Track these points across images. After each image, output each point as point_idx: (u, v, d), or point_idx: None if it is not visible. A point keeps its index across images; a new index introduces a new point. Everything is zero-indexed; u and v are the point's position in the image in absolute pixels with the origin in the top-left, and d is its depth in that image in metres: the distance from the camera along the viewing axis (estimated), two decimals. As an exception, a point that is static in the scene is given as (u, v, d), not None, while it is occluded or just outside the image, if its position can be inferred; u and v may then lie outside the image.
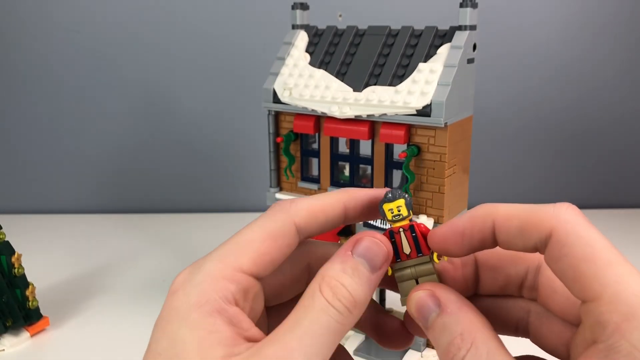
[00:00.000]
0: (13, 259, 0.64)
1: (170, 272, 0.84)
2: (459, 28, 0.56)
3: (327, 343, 0.24)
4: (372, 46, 0.60)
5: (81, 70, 1.06)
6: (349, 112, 0.57)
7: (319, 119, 0.61)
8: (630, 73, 1.05)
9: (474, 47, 0.57)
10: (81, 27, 1.04)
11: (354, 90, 0.58)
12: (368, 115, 0.56)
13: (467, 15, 0.55)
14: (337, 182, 0.63)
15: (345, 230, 0.61)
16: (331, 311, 0.25)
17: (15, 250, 0.65)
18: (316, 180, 0.64)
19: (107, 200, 1.13)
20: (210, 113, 1.08)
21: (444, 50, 0.56)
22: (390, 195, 0.29)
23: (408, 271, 0.28)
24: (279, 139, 0.63)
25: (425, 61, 0.56)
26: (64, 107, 1.08)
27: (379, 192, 0.30)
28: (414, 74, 0.55)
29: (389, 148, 0.59)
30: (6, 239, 0.65)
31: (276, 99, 0.62)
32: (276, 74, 0.63)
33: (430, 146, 0.55)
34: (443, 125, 0.53)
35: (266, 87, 0.63)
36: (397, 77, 0.57)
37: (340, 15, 0.66)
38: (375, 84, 0.57)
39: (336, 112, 0.58)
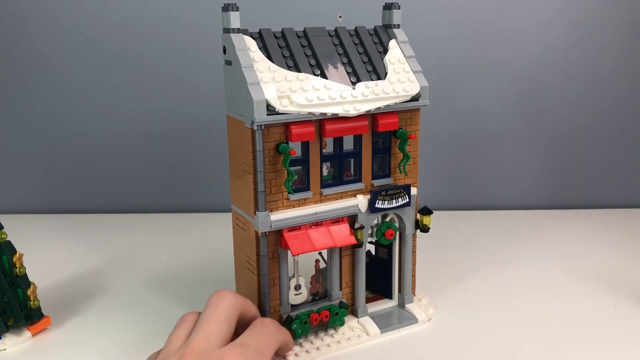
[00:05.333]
0: (14, 259, 0.64)
1: (170, 271, 0.84)
2: (393, 26, 0.66)
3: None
4: (325, 46, 0.62)
5: (81, 69, 1.06)
6: (363, 109, 0.59)
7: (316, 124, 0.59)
8: (629, 73, 1.07)
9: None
10: (70, 25, 1.03)
11: (352, 88, 0.60)
12: (376, 109, 0.60)
13: (400, 16, 0.66)
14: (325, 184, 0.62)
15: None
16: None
17: (17, 250, 0.65)
18: (306, 188, 0.61)
19: (108, 200, 1.12)
20: (209, 112, 1.07)
21: (393, 45, 0.65)
22: None
23: None
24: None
25: (383, 56, 0.64)
26: (63, 107, 1.08)
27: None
28: (391, 66, 0.63)
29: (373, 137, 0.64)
30: (8, 239, 0.64)
31: (269, 111, 0.55)
32: (257, 83, 0.55)
33: (407, 127, 0.65)
34: (427, 106, 0.64)
35: (258, 99, 0.55)
36: (371, 72, 0.62)
37: (340, 17, 0.62)
38: (358, 80, 0.61)
39: (351, 110, 0.58)
